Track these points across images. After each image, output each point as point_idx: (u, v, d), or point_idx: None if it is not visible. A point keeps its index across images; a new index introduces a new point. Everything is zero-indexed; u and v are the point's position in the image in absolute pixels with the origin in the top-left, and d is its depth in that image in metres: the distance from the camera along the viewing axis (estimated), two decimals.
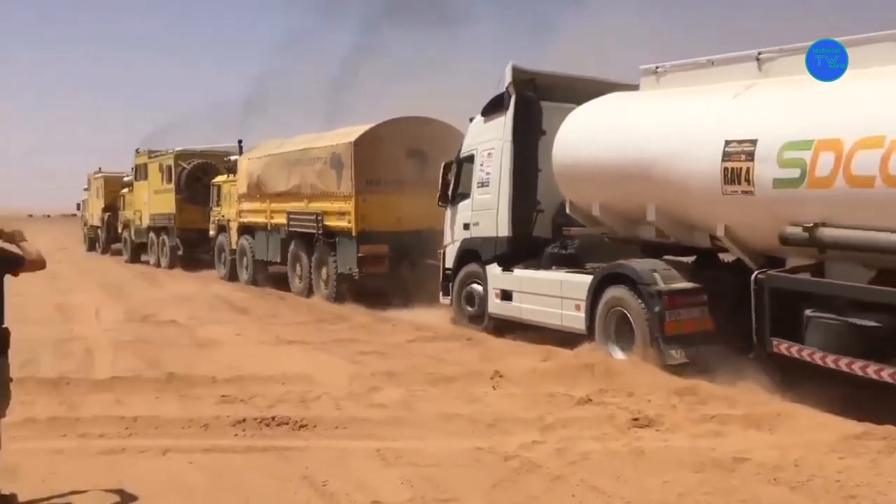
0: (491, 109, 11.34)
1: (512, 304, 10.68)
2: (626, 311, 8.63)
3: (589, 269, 9.65)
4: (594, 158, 9.34)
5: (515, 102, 10.80)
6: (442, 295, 12.34)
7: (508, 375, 8.10)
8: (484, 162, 11.35)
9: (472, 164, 11.64)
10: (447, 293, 12.16)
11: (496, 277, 10.95)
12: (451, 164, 12.21)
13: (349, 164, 14.53)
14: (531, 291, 10.28)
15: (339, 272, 14.75)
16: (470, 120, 12.08)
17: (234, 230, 19.41)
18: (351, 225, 14.42)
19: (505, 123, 10.93)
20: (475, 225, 11.50)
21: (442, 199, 12.29)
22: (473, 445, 5.96)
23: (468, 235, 11.67)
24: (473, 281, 11.51)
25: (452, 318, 12.07)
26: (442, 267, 12.31)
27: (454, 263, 11.91)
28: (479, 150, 11.52)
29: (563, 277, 9.84)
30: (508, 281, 10.74)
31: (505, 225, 10.87)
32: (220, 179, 20.98)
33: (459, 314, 11.82)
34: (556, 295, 9.77)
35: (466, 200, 11.74)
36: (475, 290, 11.45)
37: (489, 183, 11.18)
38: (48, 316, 13.24)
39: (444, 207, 12.36)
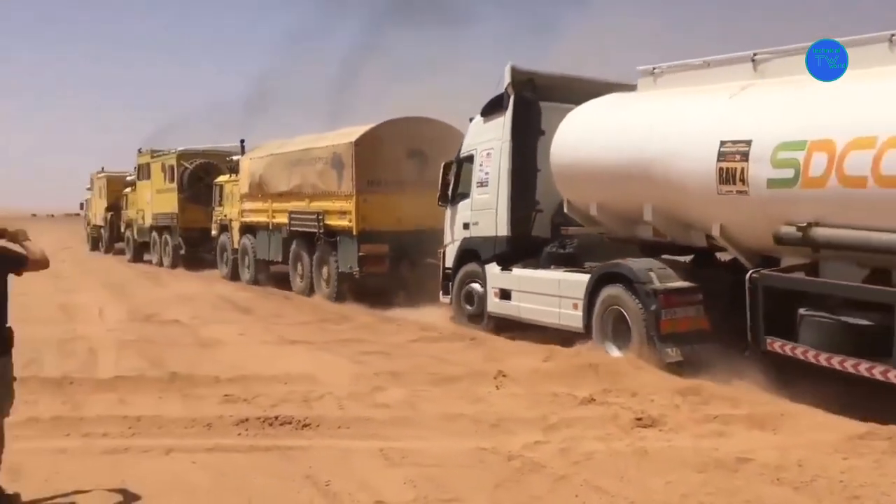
0: (490, 110, 11.37)
1: (511, 303, 10.71)
2: (622, 309, 8.68)
3: (587, 268, 9.67)
4: (592, 158, 9.39)
5: (514, 103, 10.83)
6: (442, 294, 12.38)
7: (512, 375, 8.08)
8: (483, 162, 11.39)
9: (471, 164, 11.66)
10: (447, 292, 12.19)
11: (495, 277, 10.98)
12: (450, 164, 12.24)
13: (350, 163, 14.58)
14: (529, 290, 10.33)
15: (339, 271, 14.81)
16: (469, 120, 12.10)
17: (236, 229, 19.44)
18: (352, 224, 14.47)
19: (504, 124, 10.95)
20: (475, 224, 11.53)
21: (442, 198, 12.32)
22: (477, 445, 5.95)
23: (468, 235, 11.70)
24: (473, 280, 11.54)
25: (452, 316, 12.11)
26: (442, 266, 12.35)
27: (454, 263, 11.95)
28: (478, 150, 11.55)
29: (560, 276, 9.88)
30: (507, 280, 10.78)
31: (504, 224, 10.89)
32: (222, 179, 21.00)
33: (459, 313, 11.86)
34: (553, 294, 9.82)
35: (466, 200, 11.76)
36: (474, 289, 11.48)
37: (488, 183, 11.21)
38: (52, 315, 13.21)
39: (443, 207, 12.38)
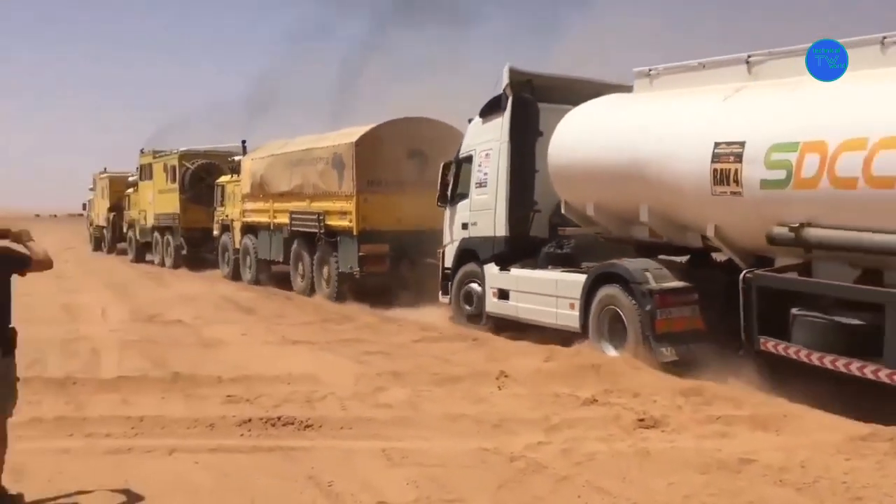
0: (489, 111, 11.42)
1: (509, 303, 10.77)
2: (618, 309, 8.75)
3: (584, 268, 9.72)
4: (588, 159, 9.45)
5: (512, 104, 10.89)
6: (441, 294, 12.44)
7: (514, 376, 8.08)
8: (482, 163, 11.45)
9: (470, 164, 11.72)
10: (446, 292, 12.26)
11: (493, 277, 11.04)
12: (449, 164, 12.29)
13: (350, 164, 14.66)
14: (527, 290, 10.39)
15: (340, 271, 14.89)
16: (468, 121, 12.15)
17: (237, 230, 19.55)
18: (352, 224, 14.55)
19: (502, 125, 11.01)
20: (473, 225, 11.59)
21: (441, 199, 12.37)
22: (479, 446, 5.95)
23: (467, 235, 11.76)
24: (472, 280, 11.60)
25: (451, 316, 12.17)
26: (441, 266, 12.41)
27: (453, 263, 12.02)
28: (477, 150, 11.61)
29: (557, 277, 9.95)
30: (505, 280, 10.84)
31: (502, 225, 10.95)
32: (223, 179, 21.10)
33: (458, 313, 11.92)
34: (551, 294, 9.89)
35: (465, 200, 11.82)
36: (473, 289, 11.55)
37: (487, 183, 11.27)
38: (55, 316, 13.26)
39: (442, 207, 12.44)
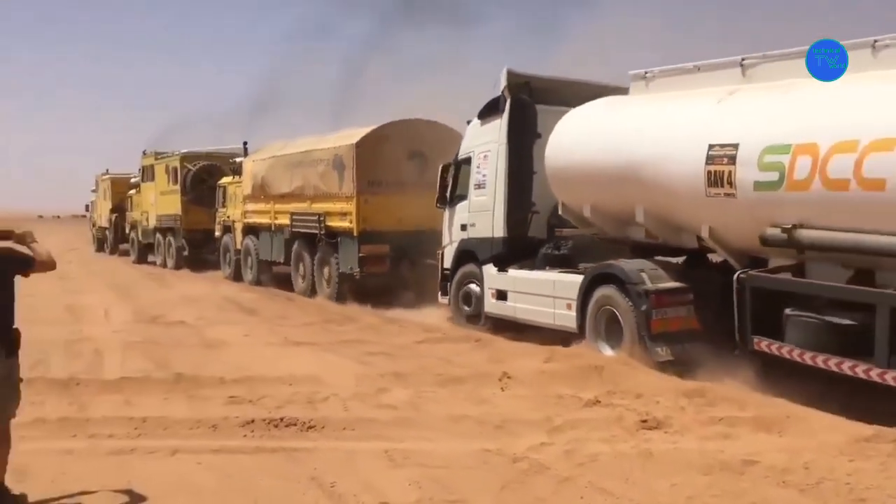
0: (487, 113, 11.49)
1: (507, 303, 10.84)
2: (615, 309, 8.83)
3: (582, 269, 9.78)
4: (585, 161, 9.53)
5: (510, 106, 10.95)
6: (440, 295, 12.51)
7: (517, 377, 8.08)
8: (480, 164, 11.51)
9: (469, 166, 11.78)
10: (445, 293, 12.33)
11: (492, 277, 11.11)
12: (448, 166, 12.35)
13: (351, 165, 14.74)
14: (525, 291, 10.46)
15: (340, 271, 14.98)
16: (467, 123, 12.22)
17: (239, 230, 19.65)
18: (352, 225, 14.63)
19: (500, 127, 11.07)
20: (472, 226, 11.66)
21: (440, 200, 12.44)
22: (481, 447, 5.96)
23: (465, 236, 11.83)
24: (471, 281, 11.67)
25: (449, 317, 12.24)
26: (440, 267, 12.48)
27: (452, 264, 12.08)
28: (475, 152, 11.67)
29: (555, 277, 10.02)
30: (503, 281, 10.91)
31: (500, 226, 11.01)
32: (225, 181, 21.19)
33: (457, 314, 11.99)
34: (548, 294, 9.97)
35: (464, 202, 11.89)
36: (472, 290, 11.62)
37: (485, 185, 11.33)
38: (58, 316, 13.31)
39: (442, 209, 12.51)
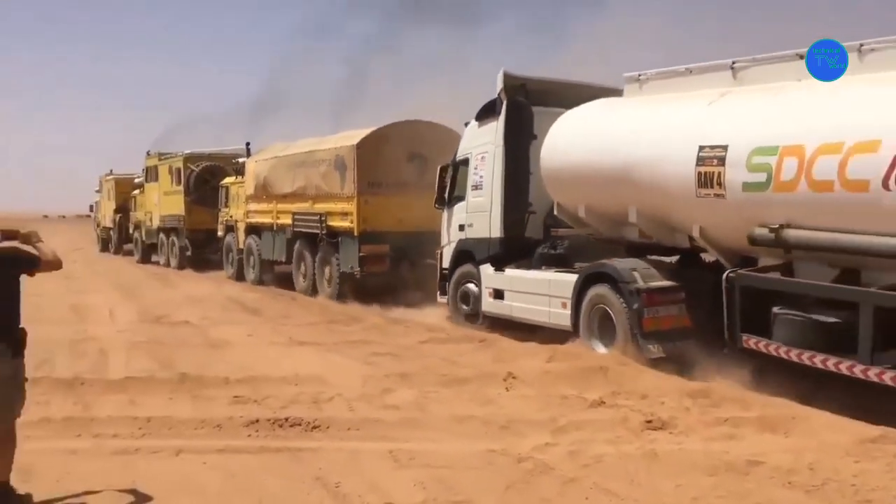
0: (484, 114, 11.64)
1: (504, 302, 10.97)
2: (608, 308, 8.97)
3: (577, 268, 9.91)
4: (579, 162, 9.68)
5: (507, 108, 11.09)
6: (439, 294, 12.64)
7: (521, 377, 8.09)
8: (478, 165, 11.64)
9: (466, 167, 11.92)
10: (444, 293, 12.46)
11: (489, 277, 11.25)
12: (447, 167, 12.50)
13: (352, 166, 14.89)
14: (521, 290, 10.59)
15: (341, 271, 15.14)
16: (465, 125, 12.36)
17: (241, 230, 19.83)
18: (353, 225, 14.78)
19: (497, 128, 11.21)
20: (469, 226, 11.80)
21: (438, 201, 12.59)
22: (486, 447, 5.96)
23: (463, 237, 11.97)
24: (468, 281, 11.80)
25: (448, 316, 12.37)
26: (439, 267, 12.63)
27: (450, 264, 12.23)
28: (473, 153, 11.81)
29: (550, 277, 10.17)
30: (500, 280, 11.05)
31: (497, 226, 11.16)
32: (228, 181, 21.36)
33: (455, 313, 12.12)
34: (544, 293, 10.10)
35: (462, 202, 12.03)
36: (470, 289, 11.75)
37: (483, 186, 11.47)
38: (63, 316, 13.33)
39: (440, 209, 12.65)
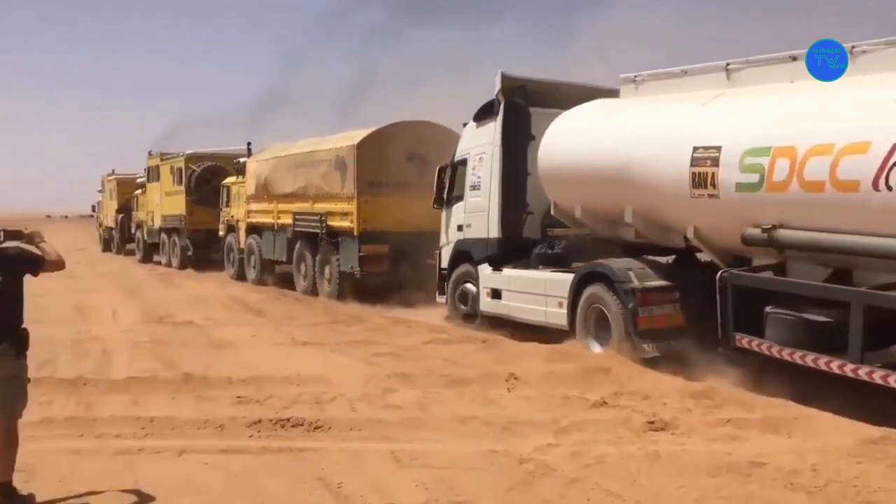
0: (482, 115, 11.72)
1: (501, 302, 11.06)
2: (603, 307, 9.05)
3: (574, 268, 9.96)
4: (576, 162, 9.77)
5: (504, 108, 11.16)
6: (438, 294, 12.72)
7: (523, 378, 8.08)
8: (476, 166, 11.72)
9: (465, 167, 11.99)
10: (443, 292, 12.54)
11: (487, 277, 11.33)
12: (445, 167, 12.58)
13: (352, 166, 14.99)
14: (518, 290, 10.68)
15: (341, 271, 15.24)
16: (463, 125, 12.44)
17: (242, 230, 19.93)
18: (353, 225, 14.88)
19: (495, 129, 11.29)
20: (468, 227, 11.87)
21: (437, 201, 12.66)
22: (488, 448, 5.95)
23: (462, 237, 12.05)
24: (467, 280, 11.88)
25: (446, 316, 12.44)
26: (438, 267, 12.71)
27: (448, 264, 12.30)
28: (471, 154, 11.88)
29: (546, 276, 10.25)
30: (498, 280, 11.13)
31: (495, 226, 11.23)
32: (229, 181, 21.45)
33: (454, 313, 12.20)
34: (540, 293, 10.18)
35: (460, 203, 12.10)
36: (468, 289, 11.82)
37: (481, 186, 11.55)
38: (66, 316, 13.39)
39: (438, 210, 12.72)
